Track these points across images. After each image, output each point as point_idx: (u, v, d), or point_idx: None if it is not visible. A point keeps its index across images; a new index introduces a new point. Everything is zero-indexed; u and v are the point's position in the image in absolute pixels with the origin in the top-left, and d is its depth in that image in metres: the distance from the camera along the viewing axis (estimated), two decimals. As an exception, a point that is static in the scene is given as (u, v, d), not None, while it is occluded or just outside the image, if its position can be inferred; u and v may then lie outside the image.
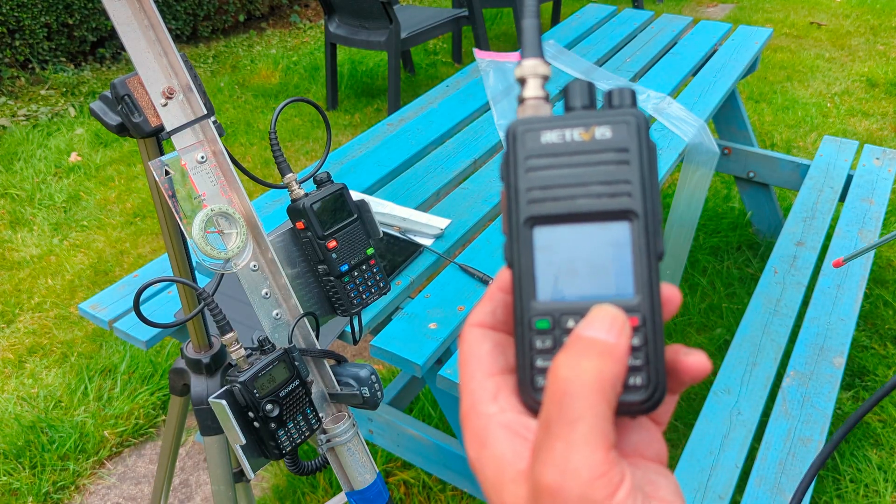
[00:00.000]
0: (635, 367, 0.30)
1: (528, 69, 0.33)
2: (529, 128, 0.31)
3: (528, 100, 0.33)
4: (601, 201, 0.30)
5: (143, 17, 0.67)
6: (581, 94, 0.32)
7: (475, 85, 2.10)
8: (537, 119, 0.31)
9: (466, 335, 0.33)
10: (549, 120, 0.31)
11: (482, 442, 0.30)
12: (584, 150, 0.31)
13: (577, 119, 0.31)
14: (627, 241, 0.31)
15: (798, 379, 1.44)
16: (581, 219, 0.31)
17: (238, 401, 0.75)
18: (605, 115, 0.31)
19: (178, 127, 0.71)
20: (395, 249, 1.36)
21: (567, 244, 0.31)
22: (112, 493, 1.83)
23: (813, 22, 5.07)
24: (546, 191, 0.31)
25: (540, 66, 0.33)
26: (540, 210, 0.31)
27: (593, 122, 0.31)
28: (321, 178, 0.84)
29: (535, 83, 0.33)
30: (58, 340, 2.30)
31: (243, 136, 3.62)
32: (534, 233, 0.31)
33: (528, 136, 0.31)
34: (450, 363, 1.14)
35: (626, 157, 0.30)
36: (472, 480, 1.46)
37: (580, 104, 0.32)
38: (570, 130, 0.31)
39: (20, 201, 3.05)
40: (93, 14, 4.30)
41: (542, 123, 0.31)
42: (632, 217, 0.30)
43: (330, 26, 3.75)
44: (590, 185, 0.30)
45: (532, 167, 0.31)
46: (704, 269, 2.51)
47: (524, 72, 0.33)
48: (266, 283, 0.79)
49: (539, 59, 0.33)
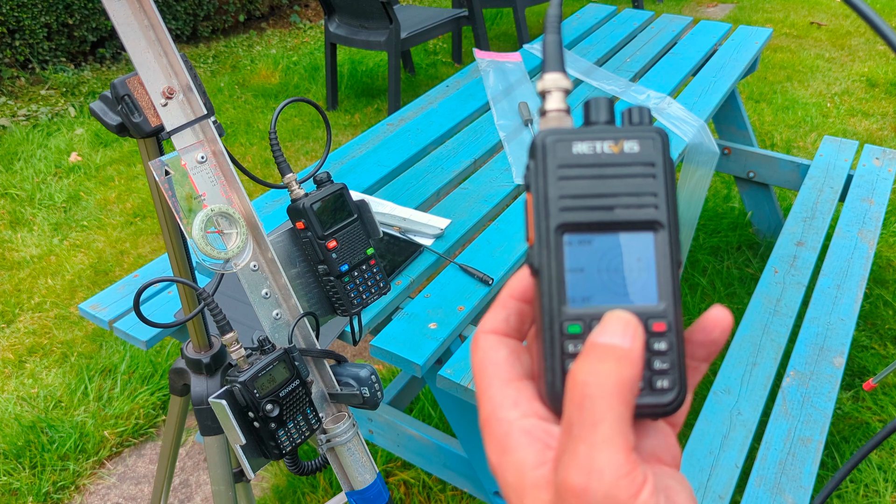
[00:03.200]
0: (662, 370, 0.32)
1: (550, 83, 0.34)
2: (560, 138, 0.32)
3: (550, 112, 0.34)
4: (630, 212, 0.32)
5: (143, 17, 0.67)
6: (604, 110, 0.34)
7: (475, 85, 2.10)
8: (568, 130, 0.33)
9: (481, 342, 0.34)
10: (580, 132, 0.33)
11: (504, 447, 0.31)
12: (614, 162, 0.32)
13: (606, 132, 0.33)
14: (652, 251, 0.32)
15: (798, 379, 1.44)
16: (610, 228, 0.32)
17: (238, 401, 0.75)
18: (632, 131, 0.33)
19: (178, 127, 0.71)
20: (395, 249, 1.36)
21: (596, 252, 0.32)
22: (112, 493, 1.83)
23: (813, 22, 5.07)
24: (578, 199, 0.32)
25: (562, 80, 0.34)
26: (572, 218, 0.32)
27: (622, 136, 0.32)
28: (321, 178, 0.84)
29: (557, 96, 0.34)
30: (58, 340, 2.30)
31: (243, 136, 3.62)
32: (564, 239, 0.32)
33: (559, 146, 0.32)
34: (450, 363, 1.14)
35: (653, 171, 0.32)
36: (473, 480, 1.46)
37: (603, 119, 0.34)
38: (600, 143, 0.32)
39: (20, 201, 3.05)
40: (93, 14, 4.30)
41: (573, 135, 0.32)
42: (657, 227, 0.32)
43: (330, 26, 3.75)
44: (620, 195, 0.32)
45: (564, 176, 0.32)
46: (704, 269, 2.51)
47: (546, 85, 0.34)
48: (266, 283, 0.79)
49: (561, 73, 0.34)
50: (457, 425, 1.34)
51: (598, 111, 0.34)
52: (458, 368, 1.13)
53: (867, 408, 1.96)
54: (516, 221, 1.48)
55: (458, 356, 1.16)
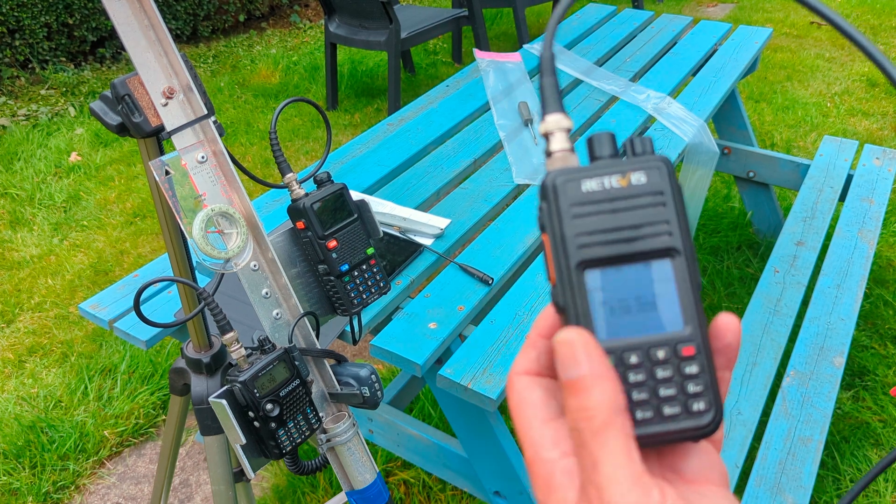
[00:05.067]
0: (696, 392, 0.32)
1: (552, 124, 0.35)
2: (568, 178, 0.34)
3: (555, 153, 0.35)
4: (645, 242, 0.33)
5: (143, 16, 0.67)
6: (606, 144, 0.35)
7: (475, 85, 2.10)
8: (575, 170, 0.34)
9: (515, 384, 0.34)
10: (587, 170, 0.34)
11: (548, 487, 0.31)
12: (623, 195, 0.33)
13: (612, 167, 0.34)
14: (671, 277, 0.33)
15: (798, 379, 1.44)
16: (629, 259, 0.33)
17: (238, 400, 0.75)
18: (637, 163, 0.34)
19: (178, 127, 0.71)
20: (395, 249, 1.36)
21: (618, 284, 0.33)
22: (112, 493, 1.83)
23: (813, 22, 5.07)
24: (594, 235, 0.33)
25: (563, 120, 0.35)
26: (591, 254, 0.33)
27: (628, 168, 0.34)
28: (321, 177, 0.84)
29: (560, 136, 0.35)
30: (58, 340, 2.30)
31: (243, 136, 3.62)
32: (586, 276, 0.33)
33: (568, 185, 0.33)
34: (450, 363, 1.14)
35: (662, 200, 0.33)
36: (473, 480, 1.46)
37: (607, 153, 0.35)
38: (608, 178, 0.33)
39: (20, 201, 3.05)
40: (93, 14, 4.30)
41: (581, 173, 0.34)
42: (674, 254, 0.33)
43: (330, 26, 3.75)
44: (634, 227, 0.33)
45: (578, 214, 0.33)
46: (704, 269, 2.51)
47: (549, 127, 0.35)
48: (266, 282, 0.79)
49: (561, 113, 0.35)
50: (457, 425, 1.34)
51: (601, 146, 0.35)
52: (458, 368, 1.13)
53: (867, 408, 1.96)
54: (516, 221, 1.48)
55: (458, 356, 1.16)
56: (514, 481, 1.35)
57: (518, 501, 1.37)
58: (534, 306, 1.26)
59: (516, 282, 1.33)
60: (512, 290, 1.31)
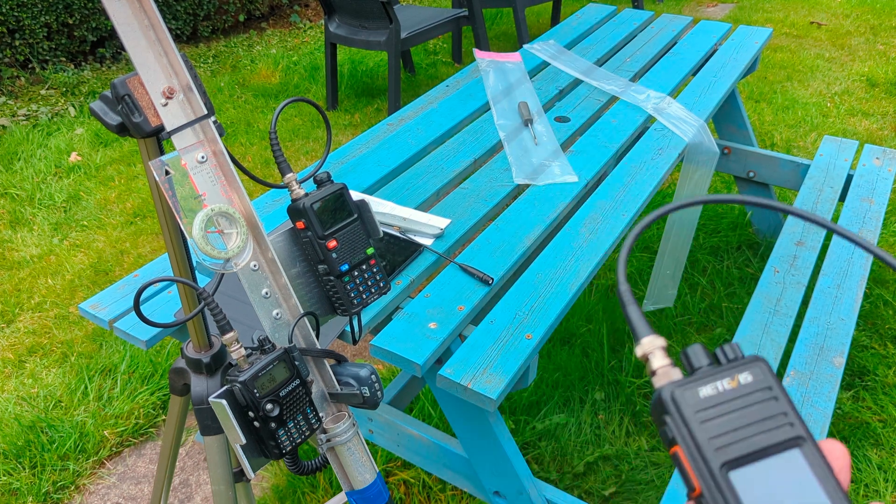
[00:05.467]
0: None
1: (649, 345, 0.40)
2: (685, 389, 0.37)
3: (659, 369, 0.39)
4: (772, 434, 0.36)
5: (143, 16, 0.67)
6: (702, 354, 0.39)
7: (475, 85, 2.10)
8: (684, 381, 0.37)
9: None
10: (696, 379, 0.37)
11: None
12: (738, 395, 0.37)
13: (718, 373, 0.37)
14: (805, 463, 0.35)
15: (798, 378, 1.44)
16: (762, 454, 0.36)
17: (238, 400, 0.75)
18: (738, 365, 0.37)
19: (178, 127, 0.71)
20: (395, 249, 1.36)
21: (759, 479, 0.35)
22: (112, 493, 1.83)
23: (813, 22, 5.07)
24: (726, 436, 0.36)
25: (657, 340, 0.40)
26: (730, 454, 0.35)
27: (733, 372, 0.37)
28: (321, 177, 0.84)
29: (659, 354, 0.40)
30: (58, 340, 2.30)
31: (243, 136, 3.62)
32: (730, 476, 0.35)
33: (687, 395, 0.37)
34: (450, 363, 1.14)
35: (773, 394, 0.37)
36: (473, 480, 1.46)
37: (706, 362, 0.38)
38: (720, 382, 0.37)
39: (20, 201, 3.06)
40: (93, 14, 4.30)
41: (693, 383, 0.37)
42: (801, 442, 0.36)
43: (330, 26, 3.75)
44: (758, 422, 0.36)
45: (705, 419, 0.36)
46: (704, 269, 2.51)
47: (646, 348, 0.40)
48: (266, 282, 0.79)
49: (653, 334, 0.40)
50: (457, 425, 1.34)
51: (697, 357, 0.39)
52: (458, 368, 1.13)
53: (867, 408, 1.96)
54: (516, 221, 1.48)
55: (458, 356, 1.16)
56: (514, 481, 1.35)
57: (518, 501, 1.37)
58: (534, 306, 1.26)
59: (516, 282, 1.33)
60: (512, 290, 1.31)
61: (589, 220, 1.50)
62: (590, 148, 1.76)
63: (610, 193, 1.60)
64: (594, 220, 1.50)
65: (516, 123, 1.86)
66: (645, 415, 1.96)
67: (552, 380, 2.05)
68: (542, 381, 2.04)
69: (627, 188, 1.61)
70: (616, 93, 2.03)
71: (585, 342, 2.18)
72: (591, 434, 1.90)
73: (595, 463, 1.83)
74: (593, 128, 1.87)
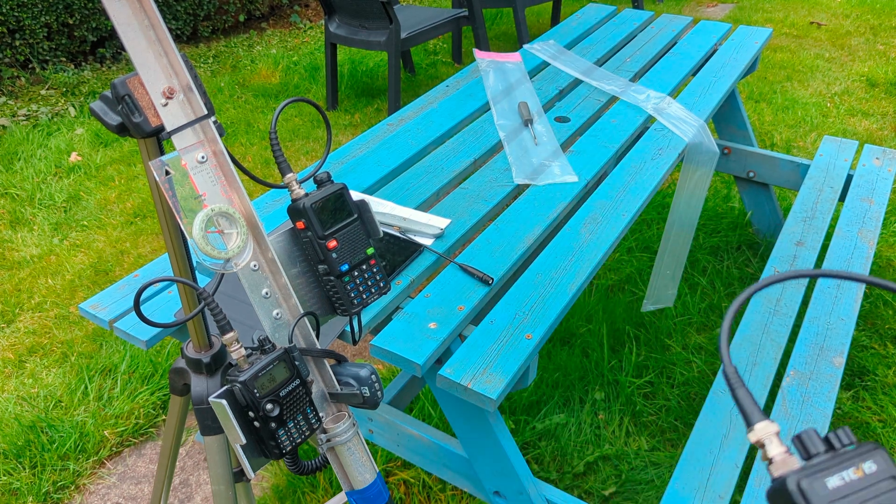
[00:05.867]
0: None
1: (762, 432, 0.41)
2: (811, 479, 0.38)
3: (775, 457, 0.40)
4: None
5: (143, 17, 0.67)
6: (818, 440, 0.40)
7: (475, 85, 2.10)
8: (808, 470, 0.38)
9: None
10: (818, 468, 0.38)
11: None
12: (866, 484, 0.37)
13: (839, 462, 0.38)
14: None
15: (798, 378, 1.44)
16: None
17: (238, 400, 0.75)
18: (858, 453, 0.38)
19: (178, 127, 0.71)
20: (395, 249, 1.36)
21: None
22: (112, 493, 1.83)
23: (813, 22, 5.07)
24: None
25: (770, 426, 0.41)
26: None
27: (856, 461, 0.38)
28: (321, 177, 0.84)
29: (775, 440, 0.41)
30: (58, 340, 2.30)
31: (243, 136, 3.62)
32: None
33: (815, 485, 0.38)
34: (450, 363, 1.14)
35: None
36: (473, 480, 1.46)
37: (822, 448, 0.40)
38: (845, 472, 0.38)
39: (20, 201, 3.06)
40: (93, 14, 4.30)
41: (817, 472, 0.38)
42: None
43: (330, 26, 3.75)
44: None
45: None
46: (704, 269, 2.51)
47: (760, 435, 0.41)
48: (266, 282, 0.79)
49: (766, 420, 0.41)
50: (457, 425, 1.34)
51: (813, 442, 0.40)
52: (458, 368, 1.13)
53: (867, 408, 1.96)
54: (516, 221, 1.48)
55: (458, 356, 1.16)
56: (514, 481, 1.35)
57: (518, 501, 1.37)
58: (534, 306, 1.26)
59: (516, 282, 1.33)
60: (512, 290, 1.31)
61: (589, 220, 1.50)
62: (590, 148, 1.76)
63: (610, 193, 1.60)
64: (594, 220, 1.50)
65: (516, 123, 1.86)
66: (645, 415, 1.96)
67: (552, 380, 2.05)
68: (542, 381, 2.04)
69: (627, 188, 1.61)
70: (616, 93, 2.03)
71: (585, 342, 2.18)
72: (591, 434, 1.90)
73: (595, 463, 1.83)
74: (593, 128, 1.87)
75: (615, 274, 2.50)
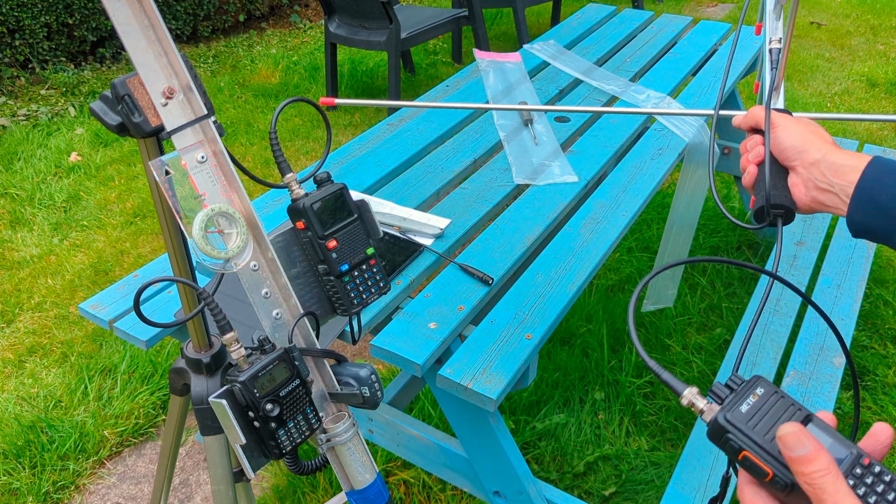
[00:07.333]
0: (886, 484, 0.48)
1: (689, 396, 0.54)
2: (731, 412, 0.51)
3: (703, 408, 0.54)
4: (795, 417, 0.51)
5: (143, 16, 0.67)
6: (724, 388, 0.53)
7: (475, 85, 2.10)
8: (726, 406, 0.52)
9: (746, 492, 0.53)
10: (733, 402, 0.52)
11: None
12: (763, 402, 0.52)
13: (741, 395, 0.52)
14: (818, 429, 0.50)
15: (798, 379, 1.44)
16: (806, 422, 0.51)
17: (238, 400, 0.75)
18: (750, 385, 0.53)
19: (178, 127, 0.71)
20: (395, 249, 1.36)
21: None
22: (112, 493, 1.83)
23: (813, 22, 5.07)
24: (771, 430, 0.50)
25: (693, 390, 0.54)
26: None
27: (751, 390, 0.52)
28: (321, 177, 0.84)
29: (699, 398, 0.54)
30: (58, 340, 2.30)
31: (243, 136, 3.62)
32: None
33: (734, 414, 0.51)
34: (450, 363, 1.14)
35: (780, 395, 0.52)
36: (473, 480, 1.46)
37: (728, 392, 0.53)
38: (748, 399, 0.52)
39: (20, 201, 3.06)
40: (93, 14, 4.30)
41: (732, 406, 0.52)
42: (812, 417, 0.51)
43: (330, 26, 3.75)
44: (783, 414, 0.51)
45: (753, 424, 0.50)
46: (704, 269, 2.51)
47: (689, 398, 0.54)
48: (266, 282, 0.79)
49: (688, 387, 0.54)
50: (457, 425, 1.34)
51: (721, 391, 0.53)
52: (458, 368, 1.13)
53: (867, 408, 1.96)
54: (516, 221, 1.48)
55: (458, 356, 1.16)
56: (514, 481, 1.35)
57: (517, 501, 1.37)
58: (534, 306, 1.26)
59: (516, 282, 1.33)
60: (512, 290, 1.31)
61: (589, 220, 1.50)
62: (590, 148, 1.76)
63: (610, 193, 1.60)
64: (594, 220, 1.50)
65: (516, 123, 1.86)
66: (645, 415, 1.96)
67: (552, 380, 2.05)
68: (542, 381, 2.04)
69: (627, 188, 1.61)
70: (616, 93, 2.03)
71: (585, 342, 2.18)
72: (591, 434, 1.90)
73: (595, 463, 1.83)
74: (593, 128, 1.87)
75: (615, 274, 2.50)
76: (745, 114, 0.87)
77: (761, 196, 0.81)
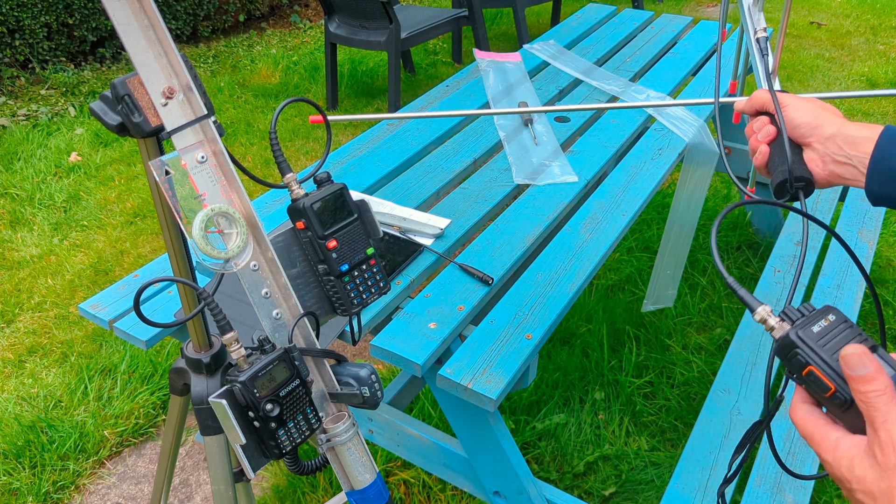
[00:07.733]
0: None
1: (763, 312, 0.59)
2: (803, 330, 0.55)
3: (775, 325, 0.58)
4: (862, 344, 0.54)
5: (143, 16, 0.67)
6: (796, 312, 0.58)
7: (475, 85, 2.10)
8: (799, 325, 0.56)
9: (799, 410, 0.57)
10: (806, 323, 0.55)
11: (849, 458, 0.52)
12: (833, 326, 0.55)
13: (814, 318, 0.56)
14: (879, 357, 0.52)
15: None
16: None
17: (238, 400, 0.74)
18: (823, 312, 0.56)
19: (178, 127, 0.71)
20: (395, 249, 1.36)
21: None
22: (112, 493, 1.83)
23: (813, 22, 5.07)
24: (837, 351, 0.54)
25: (766, 308, 0.58)
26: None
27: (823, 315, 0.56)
28: (321, 177, 0.84)
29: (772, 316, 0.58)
30: (58, 340, 2.30)
31: (243, 136, 3.62)
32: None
33: (806, 332, 0.55)
34: (450, 363, 1.14)
35: (850, 324, 0.55)
36: (473, 480, 1.46)
37: (799, 316, 0.57)
38: (820, 322, 0.56)
39: (20, 201, 3.06)
40: (93, 14, 4.30)
41: (805, 326, 0.56)
42: (877, 348, 0.53)
43: (330, 26, 3.75)
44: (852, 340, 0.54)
45: (823, 344, 0.54)
46: (704, 269, 2.51)
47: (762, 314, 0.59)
48: (266, 282, 0.79)
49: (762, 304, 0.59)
50: (457, 425, 1.34)
51: (793, 313, 0.57)
52: (458, 368, 1.13)
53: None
54: (516, 221, 1.48)
55: (458, 356, 1.16)
56: (514, 481, 1.35)
57: (518, 501, 1.37)
58: (534, 306, 1.26)
59: (516, 282, 1.33)
60: (512, 290, 1.31)
61: (589, 220, 1.50)
62: (590, 148, 1.76)
63: (610, 193, 1.60)
64: (594, 220, 1.50)
65: (516, 123, 1.86)
66: (645, 415, 1.96)
67: (552, 380, 2.05)
68: (542, 381, 2.04)
69: (627, 188, 1.61)
70: (616, 93, 2.03)
71: (585, 342, 2.18)
72: (591, 434, 1.90)
73: (595, 463, 1.83)
74: (593, 128, 1.87)
75: (615, 274, 2.50)
76: (747, 98, 0.87)
77: (780, 171, 0.81)
